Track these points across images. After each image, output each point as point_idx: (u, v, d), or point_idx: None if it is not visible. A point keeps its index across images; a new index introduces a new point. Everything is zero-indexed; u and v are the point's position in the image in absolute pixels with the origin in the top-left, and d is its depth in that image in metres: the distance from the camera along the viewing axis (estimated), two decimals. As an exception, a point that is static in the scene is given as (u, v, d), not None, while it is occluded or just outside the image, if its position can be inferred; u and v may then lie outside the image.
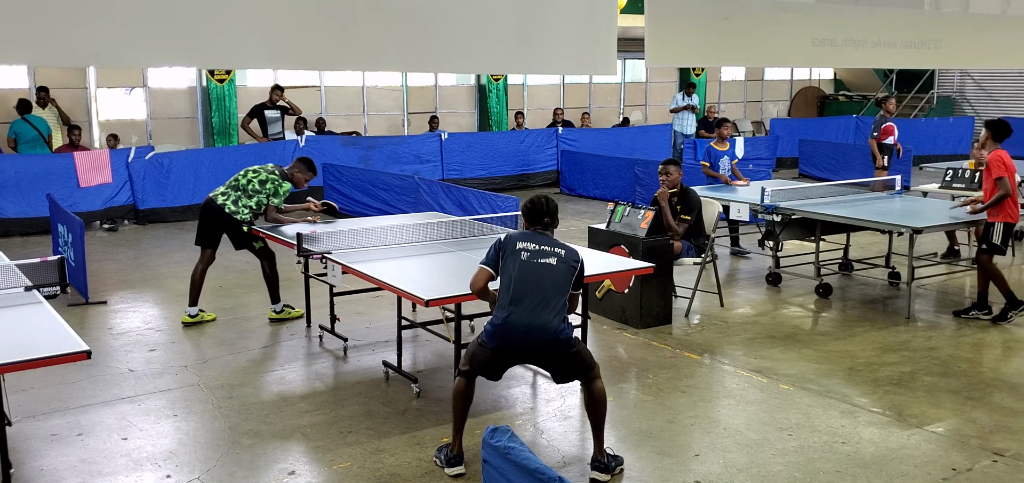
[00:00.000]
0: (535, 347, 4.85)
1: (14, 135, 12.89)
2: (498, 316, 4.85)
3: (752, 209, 9.10)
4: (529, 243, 4.88)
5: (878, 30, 5.61)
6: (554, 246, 4.92)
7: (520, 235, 4.98)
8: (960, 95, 24.01)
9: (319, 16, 3.47)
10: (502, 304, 4.84)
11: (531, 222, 5.04)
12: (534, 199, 5.09)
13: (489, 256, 4.98)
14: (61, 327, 4.72)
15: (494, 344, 4.85)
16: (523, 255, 4.83)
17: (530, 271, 4.80)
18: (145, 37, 3.18)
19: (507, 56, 4.13)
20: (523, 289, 4.78)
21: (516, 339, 4.81)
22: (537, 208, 5.03)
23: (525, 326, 4.77)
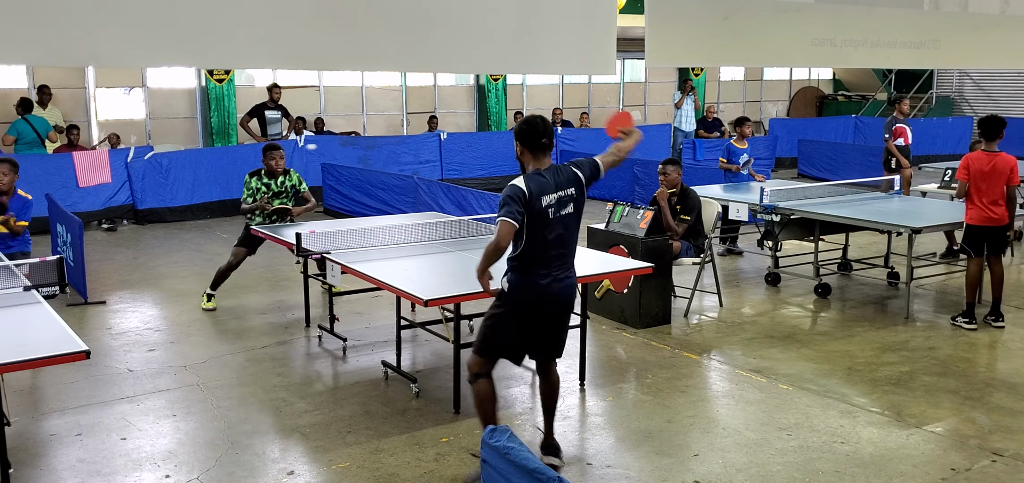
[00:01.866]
0: (562, 310, 4.73)
1: (15, 134, 12.88)
2: (525, 279, 4.60)
3: (751, 209, 9.11)
4: (550, 194, 4.56)
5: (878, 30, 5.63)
6: (568, 185, 4.64)
7: (537, 183, 4.55)
8: (959, 95, 24.02)
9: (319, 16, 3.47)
10: (529, 267, 4.59)
11: (532, 148, 4.64)
12: (530, 120, 4.70)
13: (513, 210, 4.48)
14: (60, 327, 4.72)
15: (524, 311, 4.63)
16: (549, 212, 4.55)
17: (559, 227, 4.60)
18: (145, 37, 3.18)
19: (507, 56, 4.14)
20: (554, 249, 4.60)
21: (547, 303, 4.64)
22: (535, 128, 4.63)
23: (558, 290, 4.65)
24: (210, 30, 3.28)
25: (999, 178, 7.36)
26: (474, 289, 5.76)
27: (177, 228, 12.62)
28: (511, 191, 4.52)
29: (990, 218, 7.44)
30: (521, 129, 4.69)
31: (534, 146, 4.65)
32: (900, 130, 12.80)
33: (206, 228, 12.60)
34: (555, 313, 4.78)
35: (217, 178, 13.60)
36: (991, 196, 7.40)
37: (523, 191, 4.50)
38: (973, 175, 7.41)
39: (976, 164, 7.43)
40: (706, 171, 12.85)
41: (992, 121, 7.52)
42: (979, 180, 7.40)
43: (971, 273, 7.66)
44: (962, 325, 7.57)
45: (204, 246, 11.35)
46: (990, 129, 7.50)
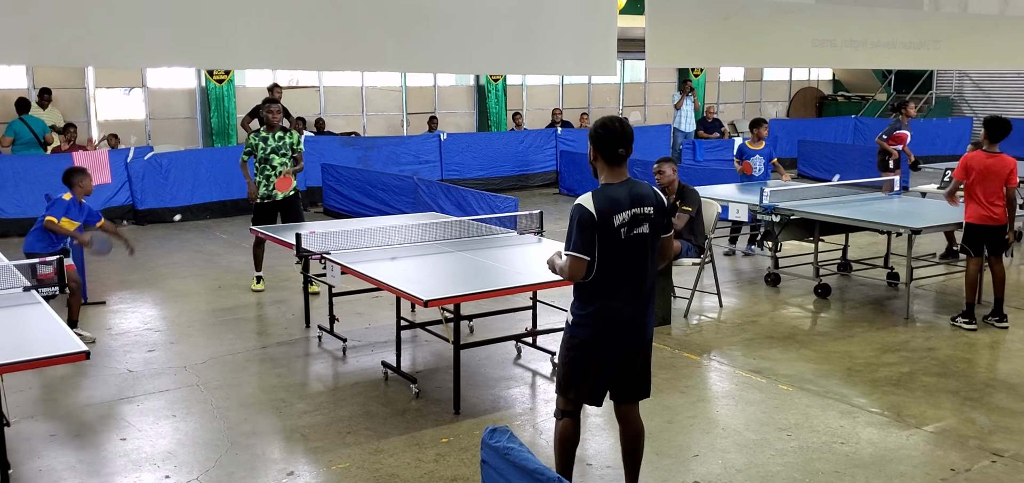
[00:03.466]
0: (638, 344, 4.23)
1: (12, 135, 12.88)
2: (592, 310, 4.12)
3: (751, 209, 9.10)
4: (623, 212, 4.04)
5: (878, 31, 5.63)
6: (644, 203, 4.11)
7: (607, 199, 4.05)
8: (958, 96, 24.02)
9: (319, 16, 3.47)
10: (598, 296, 4.10)
11: (607, 157, 4.12)
12: (608, 123, 4.13)
13: (582, 241, 4.03)
14: (60, 327, 4.72)
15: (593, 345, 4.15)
16: (621, 232, 4.05)
17: (631, 250, 4.08)
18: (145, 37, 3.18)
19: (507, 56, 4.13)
20: (627, 275, 4.11)
21: (622, 333, 4.15)
22: (612, 134, 4.08)
23: (630, 318, 4.14)
24: (210, 30, 3.28)
25: (997, 178, 7.36)
26: (474, 289, 5.78)
27: (177, 228, 12.62)
28: (578, 214, 4.03)
29: (990, 217, 7.43)
30: (597, 133, 4.13)
31: (609, 155, 4.11)
32: (901, 136, 12.71)
33: (206, 229, 12.60)
34: (631, 348, 4.23)
35: (217, 179, 13.60)
36: (989, 196, 7.40)
37: (591, 214, 4.01)
38: (975, 175, 7.40)
39: (976, 164, 7.42)
40: (707, 172, 12.86)
41: (997, 122, 7.49)
42: (979, 180, 7.39)
43: (971, 273, 7.64)
44: (962, 326, 7.55)
45: (204, 246, 11.35)
46: (994, 130, 7.48)
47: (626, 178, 4.16)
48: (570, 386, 4.27)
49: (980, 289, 8.10)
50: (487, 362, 6.73)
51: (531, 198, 15.08)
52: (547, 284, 6.08)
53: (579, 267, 4.06)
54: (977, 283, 7.77)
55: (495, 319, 7.35)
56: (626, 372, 4.27)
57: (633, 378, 4.30)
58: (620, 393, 4.34)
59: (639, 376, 4.32)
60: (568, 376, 4.26)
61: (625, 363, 4.25)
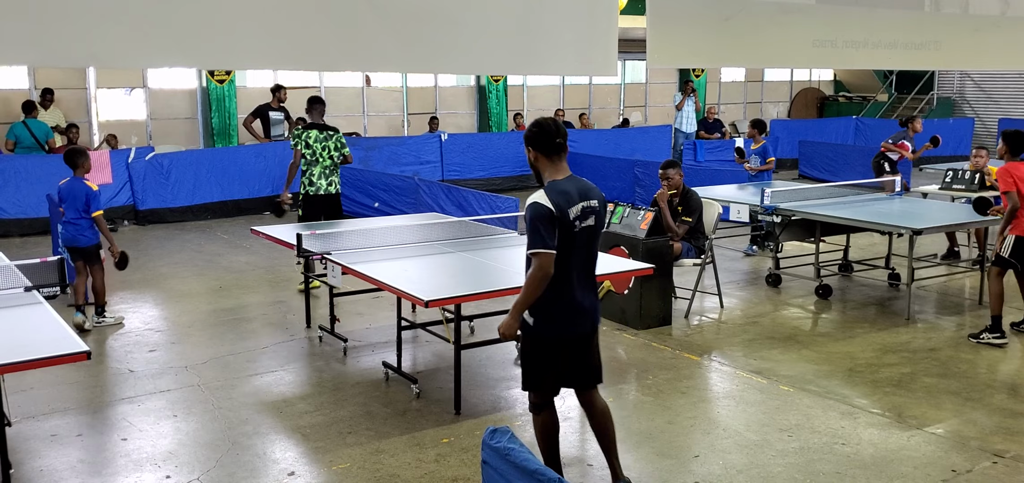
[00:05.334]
0: (590, 330, 4.41)
1: (14, 139, 12.88)
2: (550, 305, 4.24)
3: (752, 210, 9.10)
4: (575, 206, 4.19)
5: (878, 31, 5.62)
6: (590, 197, 4.27)
7: (561, 195, 4.18)
8: (960, 96, 24.01)
9: (319, 16, 3.47)
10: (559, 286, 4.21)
11: (547, 151, 4.28)
12: (540, 122, 4.34)
13: (548, 235, 4.12)
14: (61, 327, 4.72)
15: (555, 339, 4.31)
16: (576, 225, 4.19)
17: (583, 241, 4.24)
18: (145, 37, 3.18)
19: (507, 56, 4.13)
20: (580, 267, 4.28)
21: (580, 322, 4.33)
22: (547, 130, 4.27)
23: (587, 306, 4.33)
24: (210, 30, 3.28)
25: None
26: (475, 290, 5.78)
27: (178, 229, 12.62)
28: (537, 212, 4.13)
29: None
30: (533, 133, 4.31)
31: (548, 149, 4.28)
32: (903, 146, 12.63)
33: (207, 229, 12.60)
34: (586, 336, 4.41)
35: (218, 179, 13.60)
36: None
37: (549, 209, 4.12)
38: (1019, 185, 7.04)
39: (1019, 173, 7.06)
40: (708, 172, 12.85)
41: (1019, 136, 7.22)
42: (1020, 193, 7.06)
43: (999, 286, 7.17)
44: (992, 342, 7.09)
45: (205, 246, 11.35)
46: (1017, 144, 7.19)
47: (570, 174, 4.33)
48: (539, 382, 4.43)
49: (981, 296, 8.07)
50: (488, 362, 6.73)
51: (532, 198, 15.06)
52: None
53: (549, 262, 4.13)
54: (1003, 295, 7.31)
55: (496, 319, 7.30)
56: (585, 360, 4.44)
57: (591, 365, 4.47)
58: (582, 382, 4.50)
59: (595, 362, 4.49)
60: (536, 373, 4.41)
61: (582, 351, 4.43)
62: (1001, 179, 7.15)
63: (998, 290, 7.15)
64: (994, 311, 7.19)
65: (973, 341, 7.21)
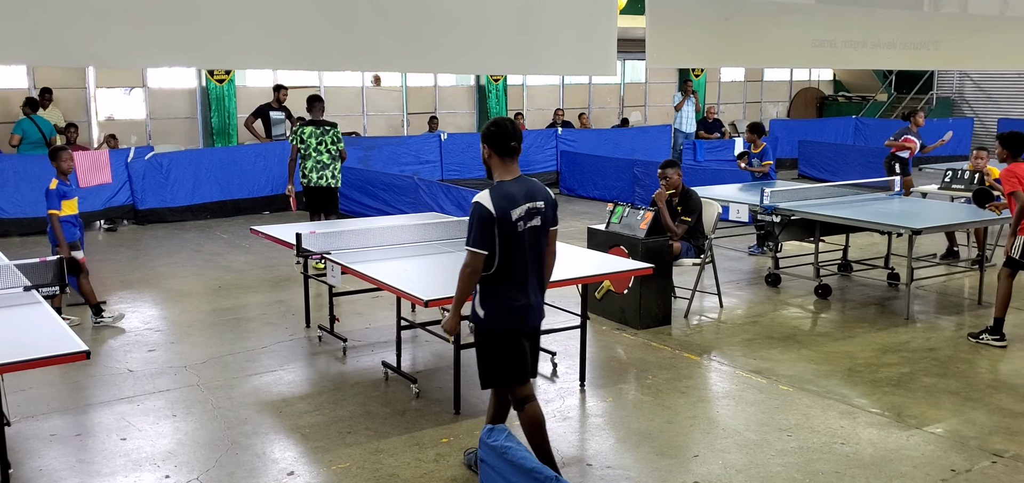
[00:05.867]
0: (538, 326, 4.61)
1: (21, 133, 12.88)
2: (500, 303, 4.43)
3: (751, 210, 9.10)
4: (519, 207, 4.34)
5: (878, 31, 5.62)
6: (536, 198, 4.42)
7: (504, 195, 4.33)
8: (959, 96, 24.01)
9: (319, 16, 3.47)
10: (503, 290, 4.40)
11: (500, 152, 4.41)
12: (499, 121, 4.47)
13: (481, 235, 4.31)
14: (60, 327, 4.72)
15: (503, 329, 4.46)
16: (519, 226, 4.34)
17: (528, 242, 4.40)
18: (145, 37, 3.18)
19: (507, 56, 4.13)
20: (526, 263, 4.42)
21: (528, 317, 4.49)
22: (504, 131, 4.39)
23: (531, 304, 4.49)
24: (210, 30, 3.28)
25: None
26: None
27: (177, 228, 12.62)
28: (476, 211, 4.31)
29: None
30: (490, 132, 4.43)
31: (502, 150, 4.40)
32: (909, 143, 12.62)
33: (206, 228, 12.60)
34: (533, 331, 4.63)
35: (217, 178, 13.60)
36: None
37: (489, 212, 4.29)
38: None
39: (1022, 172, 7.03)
40: (707, 172, 12.86)
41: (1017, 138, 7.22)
42: None
43: (1007, 288, 7.11)
44: (992, 343, 7.09)
45: (204, 246, 11.36)
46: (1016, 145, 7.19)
47: (519, 175, 4.47)
48: (497, 378, 4.58)
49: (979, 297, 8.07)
50: (487, 362, 6.73)
51: (531, 198, 15.06)
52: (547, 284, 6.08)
53: (478, 260, 4.34)
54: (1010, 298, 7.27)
55: (495, 319, 7.34)
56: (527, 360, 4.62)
57: (532, 364, 4.68)
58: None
59: (535, 356, 4.70)
60: (496, 368, 4.56)
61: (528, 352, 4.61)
62: (1005, 181, 7.12)
63: (1006, 292, 7.11)
64: (998, 313, 7.17)
65: (972, 341, 7.21)
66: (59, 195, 7.61)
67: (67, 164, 7.75)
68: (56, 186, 7.62)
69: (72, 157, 7.94)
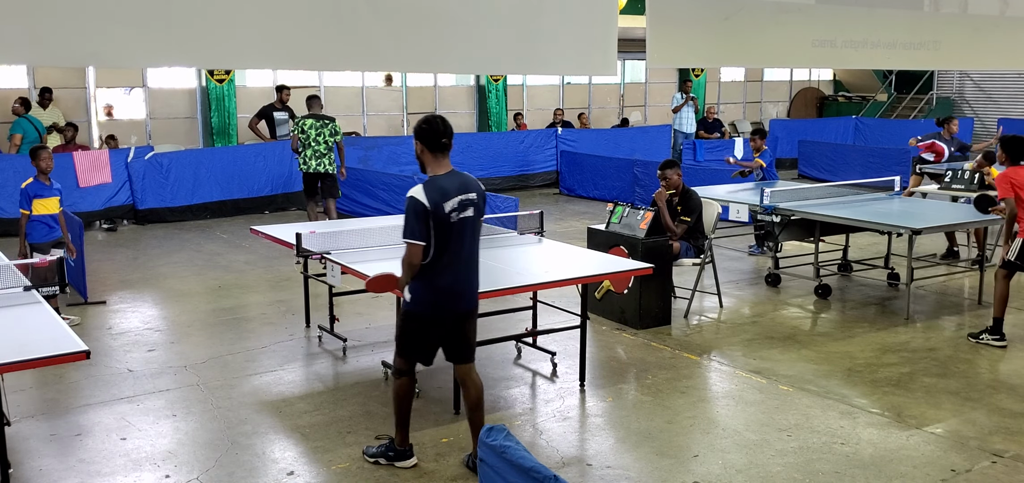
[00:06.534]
0: (467, 315, 4.89)
1: (21, 132, 12.87)
2: (427, 288, 4.69)
3: (751, 210, 9.10)
4: (451, 199, 4.60)
5: (878, 31, 5.62)
6: (468, 191, 4.68)
7: (436, 190, 4.59)
8: (959, 96, 24.00)
9: (319, 16, 3.47)
10: (433, 276, 4.67)
11: (432, 147, 4.67)
12: (431, 119, 4.75)
13: (418, 229, 4.57)
14: (60, 327, 4.72)
15: (427, 318, 4.78)
16: (452, 217, 4.60)
17: (459, 232, 4.66)
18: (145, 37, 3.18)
19: (507, 56, 4.13)
20: (458, 255, 4.70)
21: (452, 306, 4.79)
22: (435, 128, 4.67)
23: (462, 291, 4.79)
24: (210, 30, 3.28)
25: None
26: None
27: (177, 228, 12.62)
28: (412, 205, 4.57)
29: None
30: (422, 129, 4.70)
31: (434, 146, 4.67)
32: (938, 148, 12.46)
33: (206, 228, 12.60)
34: (460, 319, 4.85)
35: (218, 178, 13.60)
36: None
37: (424, 205, 4.55)
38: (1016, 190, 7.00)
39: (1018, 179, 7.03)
40: (707, 172, 12.86)
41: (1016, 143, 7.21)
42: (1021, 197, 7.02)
43: (1004, 289, 7.13)
44: (992, 343, 7.09)
45: (204, 246, 11.36)
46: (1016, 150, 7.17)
47: (451, 169, 4.72)
48: (408, 352, 4.92)
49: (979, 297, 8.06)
50: (487, 362, 6.73)
51: (531, 198, 15.09)
52: (547, 284, 6.10)
53: (417, 252, 4.62)
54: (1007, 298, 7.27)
55: (495, 319, 7.34)
56: (461, 337, 4.90)
57: (466, 342, 4.93)
58: (457, 356, 4.96)
59: (470, 340, 4.96)
60: (407, 344, 4.91)
61: (459, 329, 4.88)
62: (1000, 185, 7.13)
63: (1003, 293, 7.12)
64: (996, 313, 7.17)
65: (972, 341, 7.21)
66: (31, 195, 7.59)
67: (46, 163, 7.69)
68: (28, 185, 7.61)
69: (51, 157, 7.86)
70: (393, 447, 5.03)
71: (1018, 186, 7.03)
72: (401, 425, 5.01)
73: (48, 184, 7.73)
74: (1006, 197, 7.05)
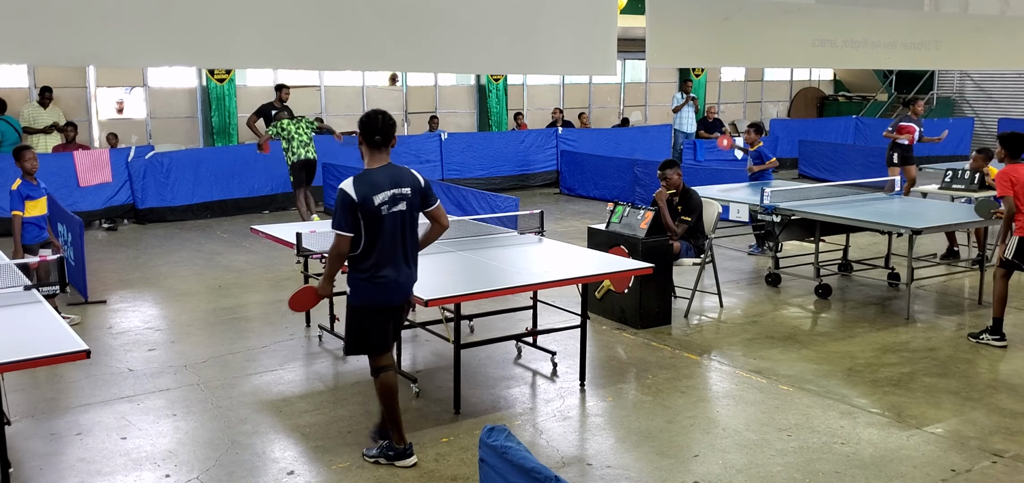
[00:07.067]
0: (400, 302, 5.00)
1: (1, 136, 12.85)
2: (364, 278, 4.83)
3: (752, 209, 9.10)
4: (382, 193, 4.74)
5: (878, 31, 5.62)
6: (400, 184, 4.83)
7: (366, 183, 4.74)
8: (960, 96, 24.00)
9: (319, 16, 3.47)
10: (368, 267, 4.80)
11: (368, 143, 4.84)
12: (371, 114, 4.89)
13: (345, 220, 4.73)
14: (60, 326, 4.72)
15: (369, 308, 4.89)
16: (382, 210, 4.74)
17: (391, 224, 4.78)
18: (145, 37, 3.18)
19: (507, 56, 4.13)
20: (390, 246, 4.81)
21: (394, 295, 4.91)
22: (371, 124, 4.82)
23: (397, 282, 4.89)
24: (210, 30, 3.28)
25: None
26: (474, 289, 5.79)
27: (177, 228, 12.62)
28: (340, 197, 4.73)
29: None
30: (361, 121, 4.86)
31: (369, 141, 4.83)
32: (907, 128, 12.68)
33: (206, 228, 12.61)
34: (395, 308, 5.01)
35: (218, 178, 13.60)
36: None
37: (351, 197, 4.69)
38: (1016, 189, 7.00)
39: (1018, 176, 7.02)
40: (707, 171, 12.86)
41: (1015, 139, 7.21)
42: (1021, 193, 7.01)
43: (1003, 289, 7.12)
44: (992, 343, 7.09)
45: (204, 245, 11.36)
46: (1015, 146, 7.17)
47: (387, 163, 4.85)
48: (363, 347, 4.99)
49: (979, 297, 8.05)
50: (487, 362, 6.74)
51: (532, 198, 15.09)
52: (547, 284, 6.10)
53: (343, 242, 4.76)
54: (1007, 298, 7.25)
55: (495, 319, 7.35)
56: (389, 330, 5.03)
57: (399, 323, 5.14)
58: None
59: (397, 329, 5.16)
60: (364, 339, 4.96)
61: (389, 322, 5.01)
62: (999, 183, 7.12)
63: (1002, 293, 7.11)
64: (996, 313, 7.16)
65: (972, 341, 7.21)
66: (22, 196, 7.47)
67: (32, 164, 7.58)
68: (19, 187, 7.48)
69: (36, 157, 7.73)
70: (393, 447, 5.03)
71: (1017, 184, 7.02)
72: (394, 423, 5.02)
73: (36, 184, 7.63)
74: (1005, 195, 7.04)
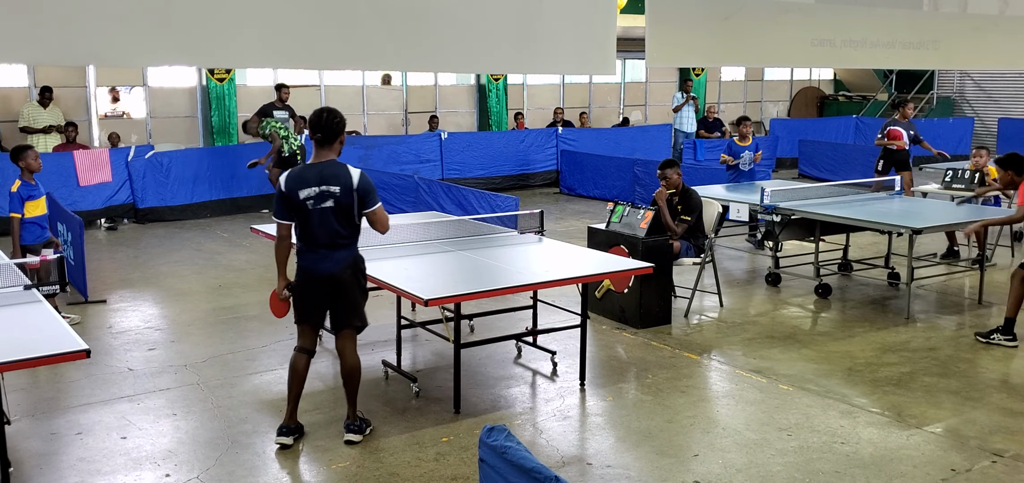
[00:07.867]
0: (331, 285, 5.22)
1: None
2: (300, 260, 5.26)
3: (752, 209, 9.10)
4: (308, 188, 5.04)
5: (877, 31, 5.62)
6: (331, 183, 5.06)
7: (296, 179, 5.08)
8: (960, 96, 24.01)
9: (319, 16, 3.48)
10: (303, 250, 5.22)
11: (312, 134, 5.13)
12: (318, 112, 5.16)
13: (279, 209, 5.16)
14: (60, 326, 4.72)
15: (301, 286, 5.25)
16: (308, 204, 5.04)
17: (316, 218, 5.07)
18: (145, 37, 3.18)
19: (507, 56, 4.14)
20: (320, 235, 5.11)
21: (315, 279, 5.21)
22: (316, 122, 5.10)
23: (323, 268, 5.17)
24: (210, 30, 3.28)
25: None
26: (475, 289, 5.79)
27: (178, 227, 12.62)
28: (277, 189, 5.18)
29: None
30: (310, 117, 5.16)
31: (312, 138, 5.14)
32: (894, 133, 12.71)
33: (207, 227, 12.61)
34: (325, 288, 5.24)
35: (218, 177, 13.60)
36: None
37: (281, 189, 5.11)
38: None
39: None
40: (707, 171, 12.86)
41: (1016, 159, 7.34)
42: None
43: (1020, 290, 7.07)
44: (1004, 343, 7.06)
45: (204, 245, 11.36)
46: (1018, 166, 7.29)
47: (329, 160, 5.14)
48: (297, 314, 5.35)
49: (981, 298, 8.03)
50: (487, 361, 6.74)
51: (532, 197, 15.09)
52: (547, 284, 6.10)
53: (279, 228, 5.24)
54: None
55: (495, 318, 7.35)
56: (333, 308, 5.31)
57: (341, 313, 5.31)
58: (334, 325, 5.38)
59: (345, 311, 5.31)
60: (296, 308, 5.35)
61: (328, 300, 5.29)
62: (1021, 193, 7.19)
63: (1019, 294, 7.09)
64: (1009, 313, 7.15)
65: (982, 341, 7.19)
66: (23, 198, 7.37)
67: (37, 163, 7.49)
68: (19, 188, 7.38)
69: (38, 156, 7.61)
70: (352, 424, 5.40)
71: None
72: (289, 401, 5.35)
73: (35, 185, 7.52)
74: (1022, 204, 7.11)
